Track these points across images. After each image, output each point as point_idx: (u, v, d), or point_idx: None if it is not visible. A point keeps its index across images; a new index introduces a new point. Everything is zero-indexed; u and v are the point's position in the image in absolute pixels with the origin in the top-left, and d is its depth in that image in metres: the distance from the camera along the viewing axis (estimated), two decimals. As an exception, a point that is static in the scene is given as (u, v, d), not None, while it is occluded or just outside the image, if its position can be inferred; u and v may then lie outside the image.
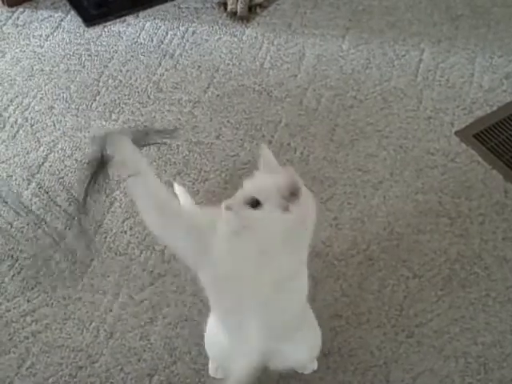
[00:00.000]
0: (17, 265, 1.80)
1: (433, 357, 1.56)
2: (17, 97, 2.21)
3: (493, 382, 1.51)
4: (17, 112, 2.17)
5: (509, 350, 1.56)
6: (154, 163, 2.00)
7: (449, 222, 1.80)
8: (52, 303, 1.71)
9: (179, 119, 2.12)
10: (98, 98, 2.20)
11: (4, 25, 2.46)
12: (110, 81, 2.25)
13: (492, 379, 1.52)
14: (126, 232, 1.85)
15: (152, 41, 2.37)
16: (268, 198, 1.12)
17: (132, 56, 2.33)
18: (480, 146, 1.95)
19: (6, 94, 2.22)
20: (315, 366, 1.53)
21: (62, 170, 2.01)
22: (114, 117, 2.14)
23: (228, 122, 2.10)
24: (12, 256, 1.81)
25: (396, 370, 1.54)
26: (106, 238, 1.84)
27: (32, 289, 1.75)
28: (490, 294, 1.66)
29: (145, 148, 1.29)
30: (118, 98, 2.20)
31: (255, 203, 1.12)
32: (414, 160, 1.95)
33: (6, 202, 1.93)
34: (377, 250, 1.76)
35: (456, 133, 2.00)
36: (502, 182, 1.87)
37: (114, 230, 1.86)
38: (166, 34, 2.40)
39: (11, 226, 1.87)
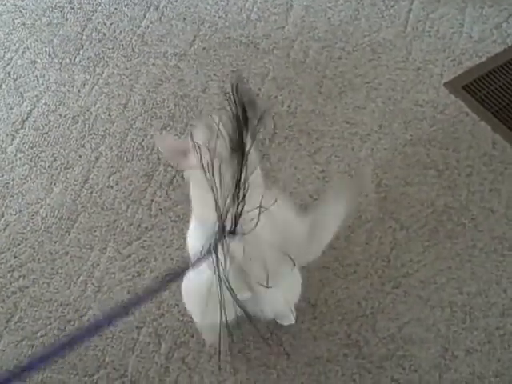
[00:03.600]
0: (3, 220, 1.79)
1: (419, 306, 1.57)
2: (-2, 51, 2.17)
3: (478, 330, 1.53)
4: (-1, 67, 2.13)
5: (494, 299, 1.57)
6: (140, 117, 1.98)
7: (436, 173, 1.79)
8: (39, 258, 1.71)
9: (165, 72, 2.08)
10: (81, 52, 2.16)
11: (-17, -23, 2.39)
12: (93, 34, 2.20)
13: (477, 327, 1.53)
14: (112, 187, 1.84)
15: (136, -8, 2.32)
16: None
17: (116, 8, 2.27)
18: (469, 97, 1.93)
19: (-13, 48, 2.18)
20: (293, 319, 1.53)
21: (46, 125, 1.98)
22: (98, 71, 2.10)
23: (214, 75, 2.06)
24: (-3, 212, 1.80)
25: (382, 319, 1.55)
26: (91, 193, 1.83)
27: (19, 244, 1.74)
28: (476, 244, 1.66)
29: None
30: (102, 51, 2.15)
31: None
32: (403, 112, 1.93)
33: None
34: (364, 202, 1.75)
35: (445, 84, 1.97)
36: (491, 133, 1.86)
37: (100, 185, 1.84)
38: (151, -15, 2.34)
39: (-4, 182, 1.85)
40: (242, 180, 1.12)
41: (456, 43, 2.08)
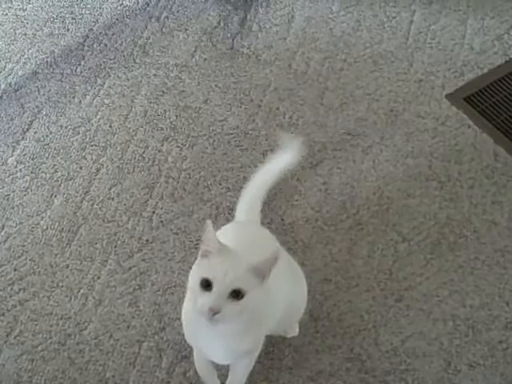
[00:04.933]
0: (3, 233, 1.78)
1: (421, 320, 1.56)
2: (-1, 62, 2.17)
3: (480, 343, 1.52)
4: (0, 77, 2.12)
5: (496, 312, 1.56)
6: (141, 129, 1.97)
7: (438, 185, 1.79)
8: (39, 271, 1.70)
9: (166, 83, 2.08)
10: (82, 63, 2.15)
11: (-15, -12, 2.40)
12: (94, 45, 2.20)
13: (480, 341, 1.52)
14: (113, 199, 1.83)
15: (138, 3, 2.32)
16: (250, 284, 1.10)
17: (117, 19, 2.27)
18: (470, 109, 1.93)
19: (-12, 59, 2.18)
20: (296, 331, 1.53)
21: (46, 136, 1.98)
22: (99, 81, 2.10)
23: (216, 86, 2.06)
24: (-2, 224, 1.80)
25: (385, 333, 1.54)
26: (92, 204, 1.82)
27: (19, 257, 1.73)
28: (478, 257, 1.66)
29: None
30: (103, 62, 2.15)
31: (239, 294, 1.09)
32: (404, 124, 1.93)
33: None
34: (366, 214, 1.74)
35: (447, 96, 1.97)
36: (492, 145, 1.85)
37: (101, 197, 1.83)
38: (152, -4, 2.34)
39: (-4, 194, 1.85)
40: None
41: (457, 55, 2.08)
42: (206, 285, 1.09)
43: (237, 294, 1.09)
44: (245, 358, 1.34)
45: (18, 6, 2.33)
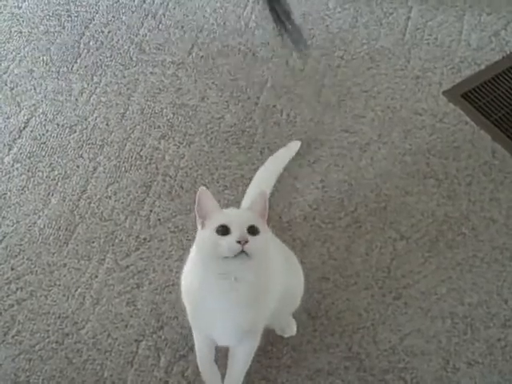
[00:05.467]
0: (0, 232, 1.77)
1: (420, 318, 1.56)
2: (-5, 60, 2.16)
3: (479, 341, 1.52)
4: (-5, 75, 2.12)
5: (495, 310, 1.56)
6: (138, 127, 1.97)
7: (436, 183, 1.79)
8: (36, 270, 1.69)
9: (163, 81, 2.07)
10: (79, 61, 2.14)
11: (-21, -15, 2.38)
12: (91, 42, 2.19)
13: (478, 339, 1.52)
14: (110, 197, 1.82)
15: (134, 0, 2.31)
16: (259, 224, 1.22)
17: (113, 16, 2.26)
18: (468, 106, 1.93)
19: (-16, 57, 2.17)
20: (294, 330, 1.53)
21: (43, 134, 1.97)
22: (95, 79, 2.09)
23: (213, 83, 2.05)
24: (-5, 223, 1.79)
25: (383, 331, 1.54)
26: (90, 203, 1.81)
27: (16, 256, 1.73)
28: (477, 254, 1.66)
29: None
30: (100, 59, 2.14)
31: (256, 231, 1.20)
32: (402, 121, 1.93)
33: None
34: (364, 212, 1.74)
35: (444, 92, 1.97)
36: (490, 142, 1.85)
37: (98, 196, 1.83)
38: (148, -8, 2.33)
39: (-7, 193, 1.84)
40: None
41: (455, 51, 2.08)
42: (223, 231, 1.18)
43: (253, 231, 1.19)
44: (246, 343, 1.35)
45: (14, 3, 2.32)
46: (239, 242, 1.16)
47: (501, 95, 1.95)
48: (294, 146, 1.84)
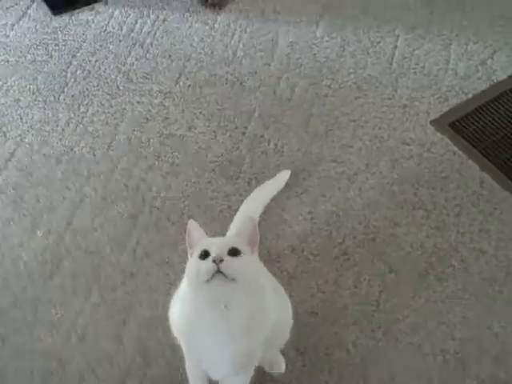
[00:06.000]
0: (-16, 266, 1.75)
1: (410, 354, 1.54)
2: (-19, 89, 2.14)
3: (470, 378, 1.50)
4: (-18, 105, 2.10)
5: (486, 345, 1.55)
6: (125, 157, 1.95)
7: (425, 213, 1.78)
8: (21, 305, 1.67)
9: (150, 111, 2.06)
10: (65, 90, 2.13)
11: (-33, 14, 2.38)
12: (78, 71, 2.18)
13: (470, 375, 1.50)
14: (96, 229, 1.80)
15: (121, 29, 2.31)
16: (243, 248, 1.22)
17: (101, 45, 2.26)
18: (455, 135, 1.92)
19: (-30, 86, 2.15)
20: (282, 368, 1.51)
21: (29, 165, 1.95)
22: (82, 109, 2.08)
23: (200, 113, 2.05)
24: (-21, 257, 1.76)
25: (373, 368, 1.52)
26: (75, 236, 1.79)
27: (1, 291, 1.70)
28: (466, 287, 1.64)
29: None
30: (87, 89, 2.13)
31: (237, 252, 1.20)
32: (390, 150, 1.92)
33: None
34: (352, 244, 1.73)
35: (431, 122, 1.97)
36: (478, 171, 1.85)
37: (84, 228, 1.81)
38: (136, 22, 2.33)
39: (-23, 226, 1.81)
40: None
41: (442, 80, 2.08)
42: (205, 255, 1.19)
43: (235, 253, 1.19)
44: (238, 376, 1.33)
45: (1, 32, 2.31)
46: (215, 262, 1.17)
47: (488, 124, 1.95)
48: (284, 176, 1.83)
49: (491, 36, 2.20)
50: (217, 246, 1.21)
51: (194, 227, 1.29)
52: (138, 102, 2.09)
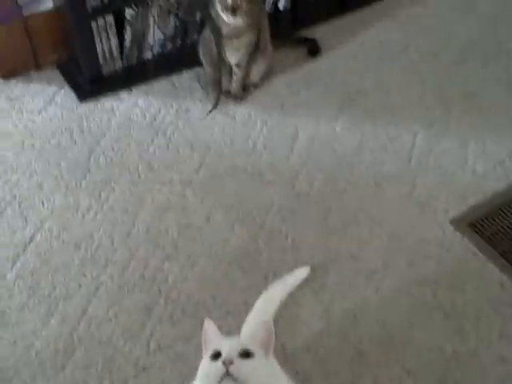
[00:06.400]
0: (-5, 354, 1.73)
1: None
2: (6, 172, 2.18)
3: None
4: (5, 189, 2.13)
5: None
6: (143, 246, 1.96)
7: (443, 316, 1.75)
8: (31, 397, 1.64)
9: (169, 200, 2.09)
10: (88, 176, 2.17)
11: (-3, 98, 2.46)
12: (101, 158, 2.23)
13: None
14: (110, 320, 1.79)
15: (145, 118, 2.37)
16: (256, 350, 1.22)
17: (124, 133, 2.31)
18: (475, 236, 1.92)
19: (-4, 169, 2.20)
20: None
21: (48, 251, 1.96)
22: (103, 196, 2.11)
23: (219, 204, 2.07)
24: (-9, 343, 1.75)
25: None
26: (89, 325, 1.78)
27: (10, 380, 1.68)
28: (486, 395, 1.60)
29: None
30: (109, 176, 2.17)
31: (248, 355, 1.20)
32: (408, 249, 1.92)
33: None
34: (369, 345, 1.70)
35: (451, 221, 1.97)
36: (498, 274, 1.83)
37: (99, 318, 1.80)
38: (159, 111, 2.39)
39: (-8, 312, 1.81)
40: None
41: (460, 179, 2.10)
42: (216, 356, 1.19)
43: (246, 355, 1.18)
44: None
45: (28, 117, 2.38)
46: (224, 364, 1.15)
47: (508, 225, 1.94)
48: (302, 272, 1.82)
49: (509, 136, 2.23)
50: (228, 346, 1.20)
51: (210, 326, 1.29)
52: (158, 191, 2.12)
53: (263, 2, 2.54)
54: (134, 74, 2.52)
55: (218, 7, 2.17)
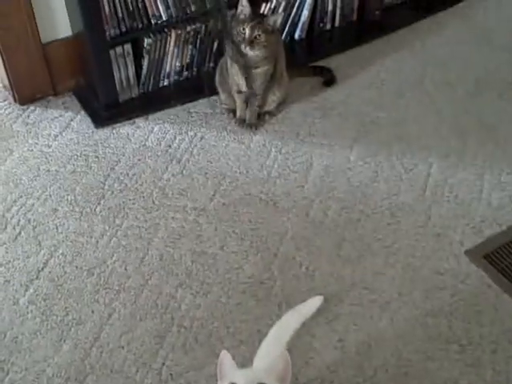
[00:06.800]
0: (7, 379, 1.72)
1: None
2: (21, 197, 2.20)
3: None
4: (20, 213, 2.14)
5: None
6: (156, 273, 1.96)
7: (459, 349, 1.73)
8: (41, 426, 1.63)
9: (183, 227, 2.09)
10: (102, 202, 2.18)
11: (14, 122, 2.48)
12: (115, 184, 2.24)
13: None
14: (123, 347, 1.78)
15: (160, 144, 2.38)
16: (271, 382, 1.23)
17: (139, 159, 2.33)
18: (490, 268, 1.90)
19: (11, 193, 2.21)
20: None
21: (61, 276, 1.96)
22: (117, 222, 2.11)
23: (233, 232, 2.06)
24: (3, 369, 1.74)
25: None
26: (102, 352, 1.77)
27: (21, 409, 1.67)
28: (503, 432, 1.57)
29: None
30: (123, 202, 2.18)
31: None
32: (423, 280, 1.90)
33: None
34: (384, 377, 1.68)
35: (466, 252, 1.95)
36: (514, 307, 1.81)
37: (111, 345, 1.79)
38: (175, 138, 2.41)
39: (4, 336, 1.80)
40: None
41: (475, 210, 2.09)
42: None
43: None
44: None
45: (44, 142, 2.40)
46: None
47: (523, 258, 1.93)
48: (316, 302, 1.79)
49: (524, 167, 2.22)
50: (244, 379, 1.19)
51: (226, 358, 1.28)
52: (172, 218, 2.12)
53: (280, 33, 2.56)
54: (151, 102, 2.54)
55: (236, 38, 2.20)
